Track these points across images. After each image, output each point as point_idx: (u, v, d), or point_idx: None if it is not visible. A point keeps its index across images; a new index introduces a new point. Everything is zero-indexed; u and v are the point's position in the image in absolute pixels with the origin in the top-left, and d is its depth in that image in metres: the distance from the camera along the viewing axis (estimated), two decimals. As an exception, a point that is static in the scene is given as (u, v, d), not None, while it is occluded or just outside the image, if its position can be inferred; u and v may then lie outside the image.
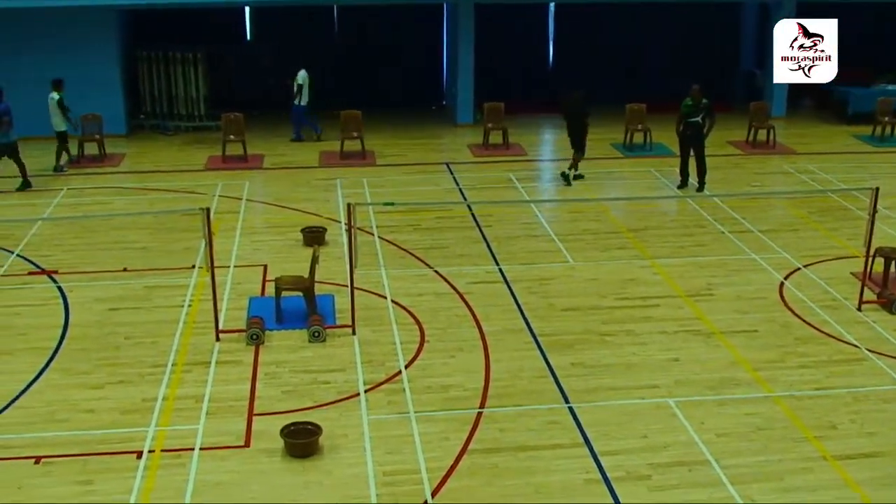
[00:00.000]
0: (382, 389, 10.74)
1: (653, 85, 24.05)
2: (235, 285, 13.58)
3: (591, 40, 24.90)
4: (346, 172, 19.23)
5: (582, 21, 24.87)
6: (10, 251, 14.95)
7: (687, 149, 18.02)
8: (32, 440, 9.85)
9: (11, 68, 20.93)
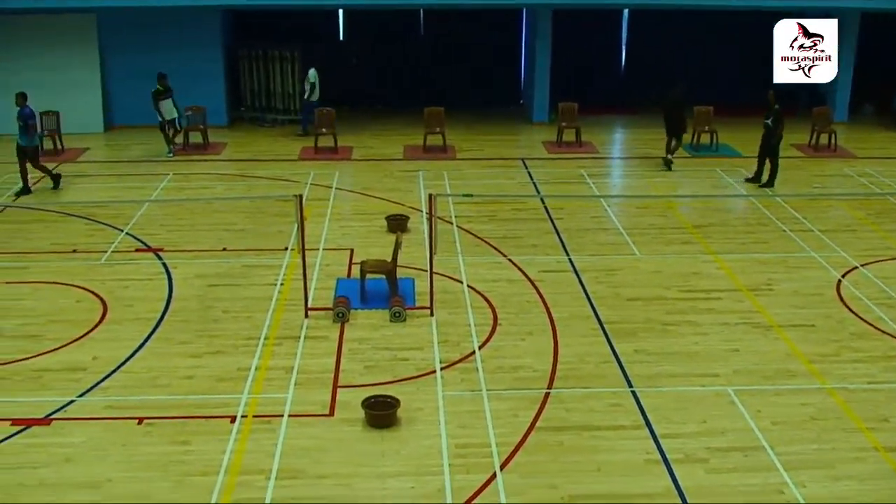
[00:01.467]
0: (457, 368, 10.77)
1: (721, 88, 23.66)
2: (324, 267, 13.72)
3: (662, 44, 24.55)
4: (429, 165, 19.28)
5: (654, 25, 24.52)
6: (121, 229, 15.29)
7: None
8: (136, 402, 10.09)
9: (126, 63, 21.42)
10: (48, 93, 20.76)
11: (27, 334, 11.68)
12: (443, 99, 21.78)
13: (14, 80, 20.86)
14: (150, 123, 21.11)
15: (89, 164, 19.45)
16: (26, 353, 11.19)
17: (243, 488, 8.58)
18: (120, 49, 21.61)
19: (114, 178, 18.50)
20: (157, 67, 20.89)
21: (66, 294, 12.86)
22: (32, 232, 15.24)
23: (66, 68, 21.39)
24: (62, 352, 11.22)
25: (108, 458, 9.09)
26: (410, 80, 24.44)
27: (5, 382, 10.51)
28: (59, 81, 21.25)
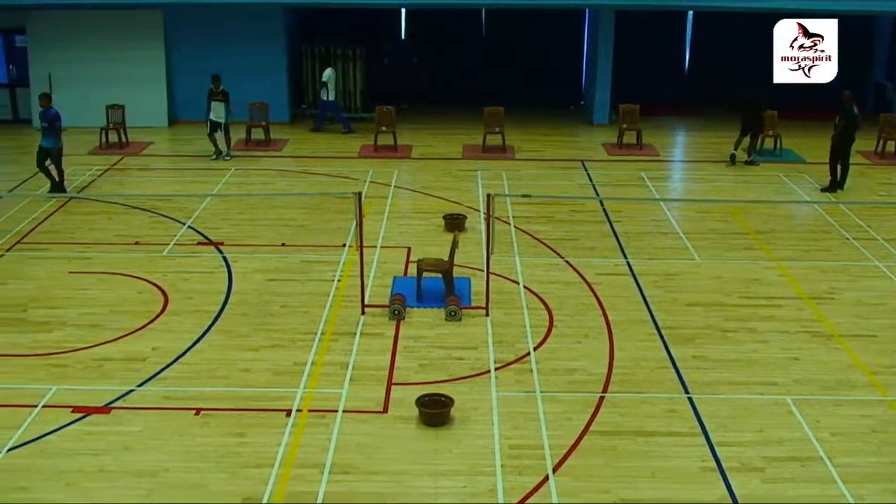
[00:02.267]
0: (511, 368, 10.75)
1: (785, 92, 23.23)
2: (381, 264, 13.78)
3: (726, 46, 24.24)
4: (487, 165, 19.26)
5: (719, 28, 24.24)
6: (183, 223, 15.52)
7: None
8: (194, 393, 10.24)
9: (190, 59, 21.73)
10: (115, 87, 21.19)
11: (90, 323, 11.91)
12: (503, 99, 21.74)
13: (83, 73, 21.40)
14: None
15: (153, 158, 19.77)
16: (88, 342, 11.42)
17: (297, 481, 8.66)
18: (185, 45, 21.94)
19: (177, 172, 18.78)
20: (221, 63, 21.21)
21: (128, 285, 13.09)
22: (97, 223, 15.54)
23: (132, 63, 21.78)
24: (123, 341, 11.43)
25: (165, 447, 9.23)
26: (471, 79, 24.44)
27: (67, 370, 10.74)
28: (126, 76, 21.65)
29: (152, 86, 22.00)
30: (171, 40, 22.06)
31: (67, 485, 8.67)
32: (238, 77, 21.54)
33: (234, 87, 21.33)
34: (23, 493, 8.54)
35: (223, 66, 21.21)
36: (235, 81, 21.42)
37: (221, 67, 21.13)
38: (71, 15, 21.64)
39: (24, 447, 9.24)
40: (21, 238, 14.83)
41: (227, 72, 21.28)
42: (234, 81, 21.46)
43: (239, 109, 20.86)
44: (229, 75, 21.30)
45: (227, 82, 21.32)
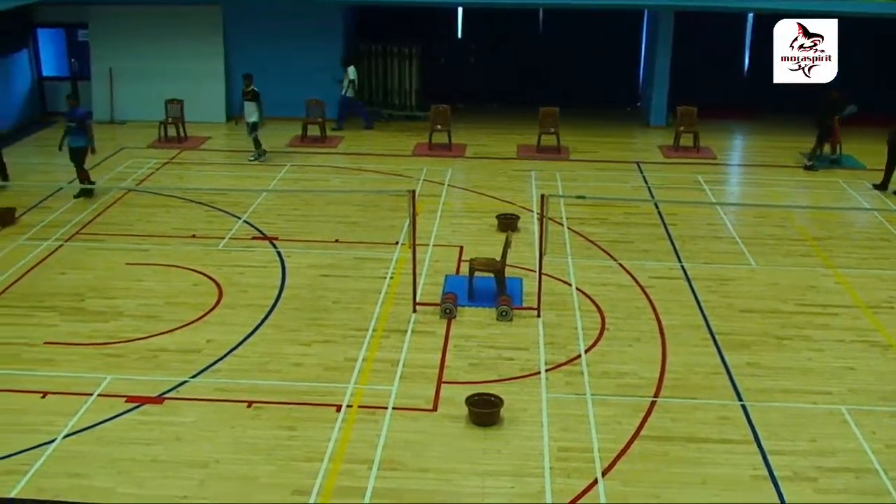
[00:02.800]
0: (562, 370, 10.72)
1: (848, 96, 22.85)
2: (433, 263, 13.81)
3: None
4: (541, 165, 19.20)
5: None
6: (238, 217, 15.69)
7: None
8: (246, 386, 10.35)
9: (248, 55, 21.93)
10: (174, 81, 21.47)
11: (145, 314, 12.10)
12: (559, 99, 21.65)
13: (143, 68, 21.71)
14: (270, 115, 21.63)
15: (210, 153, 20.01)
16: (144, 332, 11.60)
17: (345, 476, 8.72)
18: (243, 41, 22.15)
19: (233, 167, 18.98)
20: (278, 60, 21.42)
21: (184, 277, 13.27)
22: (154, 216, 15.77)
23: (192, 58, 22.06)
24: (178, 333, 11.59)
25: (217, 438, 9.35)
26: (527, 79, 24.36)
27: (123, 360, 10.92)
28: (185, 71, 21.93)
29: (211, 81, 22.26)
30: (230, 36, 22.29)
31: (120, 473, 8.82)
32: (295, 74, 21.76)
33: (290, 83, 21.63)
34: (77, 480, 8.70)
35: (280, 62, 21.42)
36: (292, 78, 21.67)
37: (279, 64, 21.38)
38: (132, 10, 21.99)
39: (79, 434, 9.42)
40: (80, 229, 15.10)
41: (284, 68, 21.53)
42: (290, 78, 21.72)
43: (295, 106, 21.07)
44: (286, 72, 21.53)
45: (284, 79, 21.58)
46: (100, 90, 22.34)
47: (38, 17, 22.76)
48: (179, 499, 8.41)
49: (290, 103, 21.21)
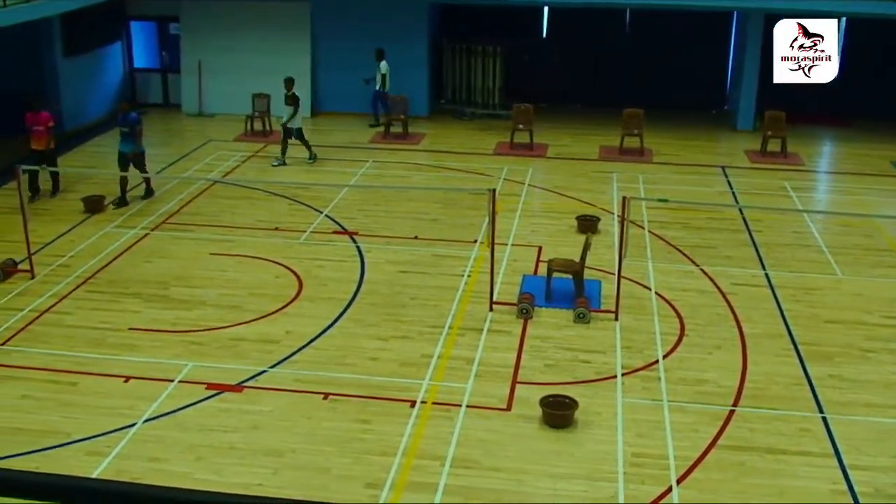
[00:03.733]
0: (638, 375, 10.61)
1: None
2: (511, 262, 13.80)
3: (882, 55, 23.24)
4: (624, 167, 19.01)
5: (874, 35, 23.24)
6: (320, 211, 15.88)
7: None
8: (323, 378, 10.48)
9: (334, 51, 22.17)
10: (261, 76, 21.79)
11: (228, 304, 12.34)
12: (643, 100, 21.40)
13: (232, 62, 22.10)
14: (354, 111, 21.91)
15: (294, 147, 20.23)
16: (225, 321, 11.83)
17: (418, 472, 8.77)
18: (330, 38, 22.40)
19: (317, 162, 19.19)
20: (363, 57, 21.57)
21: (266, 269, 13.49)
22: (239, 208, 16.05)
23: (279, 54, 22.37)
24: (258, 323, 11.79)
25: (293, 428, 9.49)
26: (612, 79, 24.15)
27: (204, 348, 11.15)
28: (272, 66, 22.22)
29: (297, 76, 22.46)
30: (317, 33, 22.56)
31: (198, 459, 9.00)
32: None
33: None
34: (155, 464, 8.92)
35: (366, 59, 21.57)
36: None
37: (364, 61, 21.53)
38: (222, 5, 22.41)
39: (160, 419, 9.66)
40: (167, 218, 15.46)
41: (369, 64, 21.68)
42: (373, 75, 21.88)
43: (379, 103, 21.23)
44: (372, 68, 21.68)
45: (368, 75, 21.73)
46: (189, 83, 22.83)
47: (131, 9, 23.36)
48: (254, 486, 8.56)
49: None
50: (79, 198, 16.00)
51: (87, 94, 21.79)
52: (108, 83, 22.87)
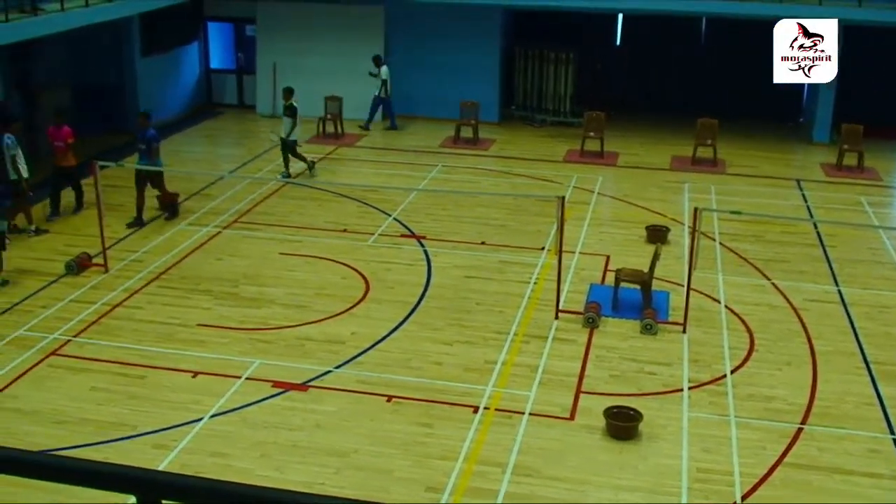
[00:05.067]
0: (705, 389, 10.48)
1: None
2: (578, 271, 13.72)
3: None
4: (696, 178, 18.77)
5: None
6: (389, 214, 15.98)
7: None
8: (387, 380, 10.54)
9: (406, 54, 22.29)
10: (333, 78, 22.03)
11: (295, 304, 12.48)
12: (717, 110, 21.12)
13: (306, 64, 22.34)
14: (425, 115, 21.99)
15: (365, 150, 20.45)
16: (293, 321, 11.97)
17: (478, 478, 8.78)
18: (403, 41, 22.54)
19: (386, 165, 19.34)
20: (436, 61, 21.67)
21: (333, 270, 13.62)
22: (308, 209, 16.23)
23: (352, 56, 22.56)
24: (325, 324, 11.91)
25: (356, 429, 9.56)
26: (685, 88, 23.90)
27: (272, 346, 11.30)
28: (345, 68, 22.47)
29: (369, 80, 22.73)
30: (390, 37, 22.72)
31: (262, 455, 9.12)
32: (451, 75, 21.99)
33: (446, 84, 21.90)
34: (220, 459, 9.05)
35: (437, 63, 21.69)
36: (448, 79, 21.91)
37: (435, 65, 21.66)
38: (298, 7, 22.68)
39: (226, 415, 9.80)
40: (238, 217, 15.70)
41: (440, 69, 21.80)
42: (446, 79, 21.98)
43: (450, 107, 21.28)
44: (442, 73, 21.78)
45: (439, 80, 21.84)
46: (263, 84, 23.14)
47: (209, 10, 23.78)
48: (316, 485, 8.64)
49: (445, 104, 21.51)
50: (153, 195, 16.30)
51: (164, 93, 22.23)
52: (184, 83, 23.31)
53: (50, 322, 11.92)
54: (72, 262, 13.39)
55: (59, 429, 9.62)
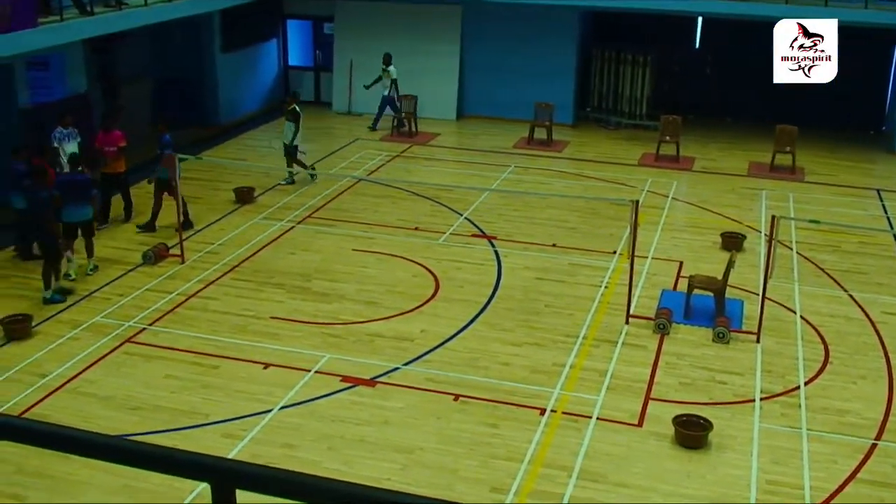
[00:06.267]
0: (778, 401, 10.29)
1: None
2: (650, 276, 13.58)
3: None
4: (773, 185, 18.42)
5: None
6: (460, 213, 16.00)
7: None
8: (454, 379, 10.56)
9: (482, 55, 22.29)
10: (409, 77, 22.10)
11: (365, 300, 12.57)
12: (797, 117, 20.70)
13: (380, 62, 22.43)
14: (499, 116, 21.97)
15: (439, 149, 20.50)
16: (363, 317, 12.06)
17: (544, 480, 8.74)
18: (479, 42, 22.53)
19: (459, 165, 19.37)
20: (512, 62, 21.64)
21: (404, 268, 13.69)
22: (382, 207, 16.33)
23: (428, 56, 22.65)
24: (394, 321, 11.97)
25: (423, 427, 9.59)
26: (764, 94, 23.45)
27: (341, 341, 11.40)
28: (421, 68, 22.54)
29: (445, 79, 22.80)
30: (467, 36, 22.73)
31: (329, 449, 9.21)
32: (526, 76, 21.91)
33: (522, 85, 21.84)
34: (288, 450, 9.17)
35: (513, 64, 21.65)
36: (524, 80, 21.84)
37: (511, 66, 21.62)
38: (376, 6, 22.84)
39: (295, 408, 9.92)
40: (312, 213, 15.87)
41: (517, 70, 21.74)
42: (522, 80, 21.91)
43: (524, 108, 21.22)
44: (518, 73, 21.72)
45: (514, 81, 21.79)
46: (340, 82, 23.35)
47: (288, 8, 24.07)
48: (382, 480, 8.69)
49: (519, 105, 21.44)
50: (230, 188, 16.58)
51: (243, 89, 22.56)
52: (262, 79, 23.63)
53: (126, 310, 12.20)
54: (149, 252, 13.68)
55: (133, 414, 9.84)
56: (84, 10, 15.36)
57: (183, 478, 2.20)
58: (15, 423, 2.53)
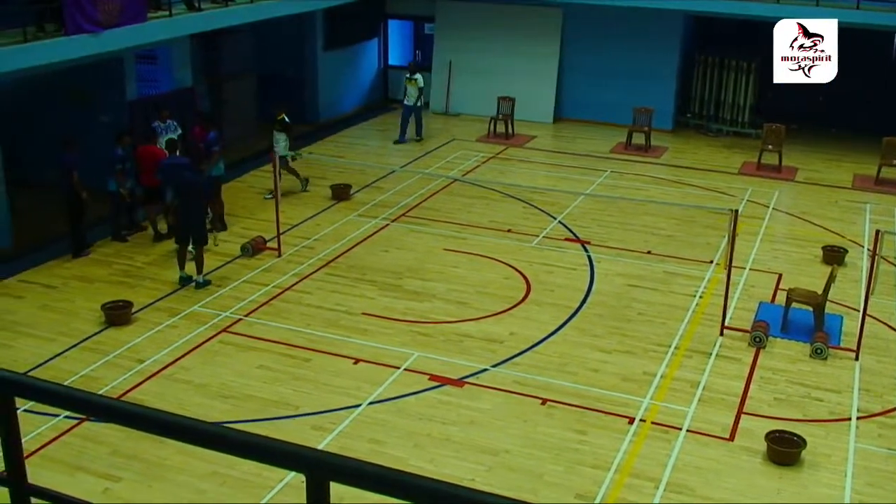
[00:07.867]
0: (875, 421, 9.99)
1: None
2: (747, 287, 13.31)
3: None
4: (879, 198, 17.85)
5: None
6: (554, 217, 15.94)
7: None
8: (542, 383, 10.53)
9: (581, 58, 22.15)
10: (507, 79, 22.12)
11: (456, 300, 12.63)
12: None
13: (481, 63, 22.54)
14: (596, 119, 21.81)
15: (534, 152, 20.44)
16: (452, 316, 12.11)
17: (630, 490, 8.66)
18: (579, 44, 22.38)
19: (555, 168, 19.29)
20: (611, 65, 21.45)
21: (495, 269, 13.70)
22: (475, 207, 16.37)
23: (527, 58, 22.60)
24: (483, 322, 12.00)
25: (509, 429, 9.60)
26: (872, 105, 22.78)
27: (431, 340, 11.47)
28: (520, 70, 22.52)
29: (543, 82, 22.72)
30: (567, 39, 22.61)
31: (415, 446, 9.28)
32: (626, 80, 21.69)
33: (620, 89, 21.63)
34: (375, 445, 9.27)
35: (612, 67, 21.46)
36: (623, 84, 21.63)
37: (611, 69, 21.45)
38: (476, 7, 22.88)
39: (383, 404, 10.03)
40: (406, 211, 16.00)
41: (616, 74, 21.56)
42: (621, 84, 21.70)
43: (622, 113, 21.01)
44: (618, 77, 21.52)
45: (614, 84, 21.58)
46: (438, 82, 23.46)
47: (390, 8, 24.30)
48: (467, 480, 8.71)
49: (617, 109, 21.25)
50: (327, 185, 16.83)
51: (343, 88, 22.87)
52: (363, 78, 23.91)
53: (223, 300, 12.50)
54: (247, 244, 13.99)
55: (225, 403, 10.08)
56: (192, 6, 15.80)
57: (279, 467, 2.25)
58: (127, 408, 2.62)
